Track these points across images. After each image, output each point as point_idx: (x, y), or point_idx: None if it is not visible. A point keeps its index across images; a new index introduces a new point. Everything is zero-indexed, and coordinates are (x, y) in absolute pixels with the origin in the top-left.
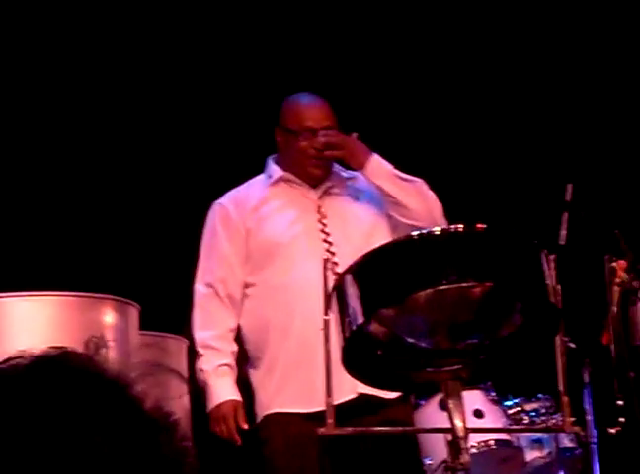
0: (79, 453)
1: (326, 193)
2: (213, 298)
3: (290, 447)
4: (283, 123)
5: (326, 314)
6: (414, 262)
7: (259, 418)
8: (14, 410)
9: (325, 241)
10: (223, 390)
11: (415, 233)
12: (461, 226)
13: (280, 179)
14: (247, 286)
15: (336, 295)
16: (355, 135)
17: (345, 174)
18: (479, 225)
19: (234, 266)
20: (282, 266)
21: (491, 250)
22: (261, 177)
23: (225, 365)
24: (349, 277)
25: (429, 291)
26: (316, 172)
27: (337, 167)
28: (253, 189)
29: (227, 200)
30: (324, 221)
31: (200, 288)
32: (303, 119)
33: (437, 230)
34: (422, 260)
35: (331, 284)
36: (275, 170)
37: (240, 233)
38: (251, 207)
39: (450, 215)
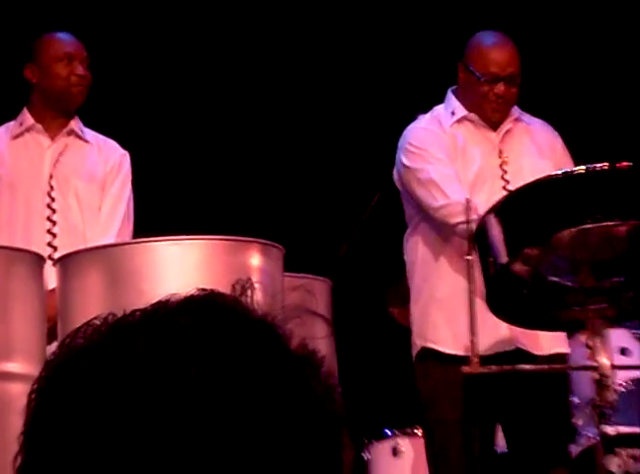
0: (229, 389)
1: (506, 135)
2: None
3: (446, 385)
4: (467, 62)
5: (469, 254)
6: (558, 200)
7: (416, 348)
8: (166, 349)
9: (504, 188)
10: None
11: (559, 172)
12: (606, 164)
13: (464, 118)
14: (415, 218)
15: (478, 236)
16: None
17: (522, 116)
18: (624, 163)
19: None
20: None
21: (636, 188)
22: (442, 108)
23: None
24: (492, 218)
25: (573, 230)
26: (495, 116)
27: (516, 108)
28: (439, 117)
29: (424, 122)
30: (505, 167)
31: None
32: (488, 64)
33: (580, 169)
34: (566, 198)
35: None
36: (458, 107)
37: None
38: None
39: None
